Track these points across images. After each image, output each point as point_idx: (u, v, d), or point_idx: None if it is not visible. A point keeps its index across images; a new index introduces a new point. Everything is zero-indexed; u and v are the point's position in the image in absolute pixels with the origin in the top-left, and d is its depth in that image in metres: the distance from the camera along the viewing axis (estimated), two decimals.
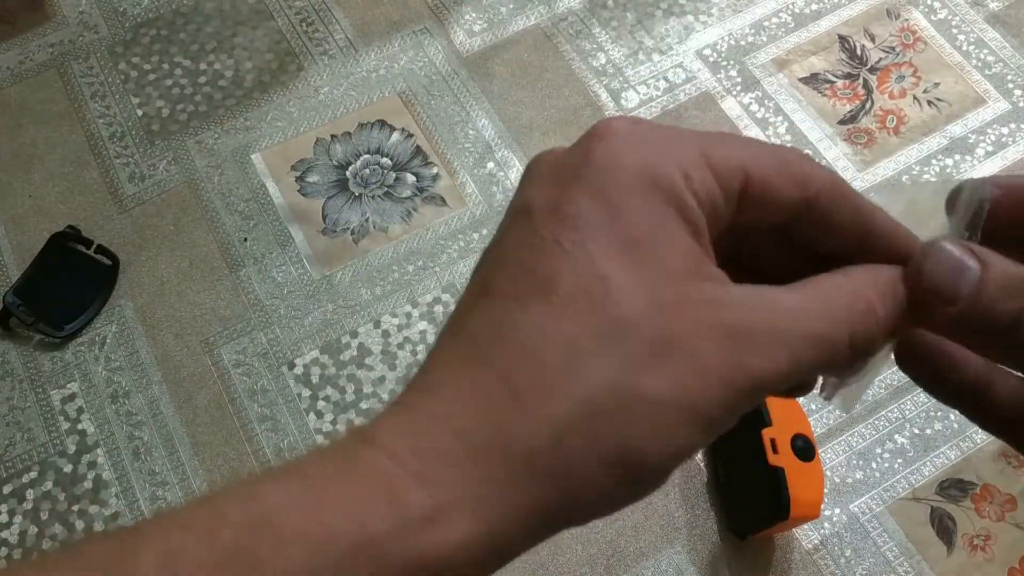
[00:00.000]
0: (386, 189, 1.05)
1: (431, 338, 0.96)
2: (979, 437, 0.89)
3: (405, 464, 0.18)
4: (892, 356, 0.24)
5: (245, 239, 1.02)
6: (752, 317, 0.19)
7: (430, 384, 0.20)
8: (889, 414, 0.91)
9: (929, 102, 1.10)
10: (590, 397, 0.18)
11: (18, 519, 0.87)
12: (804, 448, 0.76)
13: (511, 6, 1.17)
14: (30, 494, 0.89)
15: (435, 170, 1.06)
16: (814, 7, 1.17)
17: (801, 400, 0.85)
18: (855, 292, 0.21)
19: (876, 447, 0.89)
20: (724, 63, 1.13)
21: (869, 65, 1.13)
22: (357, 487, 0.18)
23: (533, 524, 0.19)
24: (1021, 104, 1.09)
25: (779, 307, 0.20)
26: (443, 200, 1.04)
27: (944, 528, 0.86)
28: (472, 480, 0.18)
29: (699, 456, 0.89)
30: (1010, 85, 1.10)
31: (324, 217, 1.03)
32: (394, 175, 1.06)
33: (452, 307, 1.04)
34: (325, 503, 0.18)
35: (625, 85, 1.12)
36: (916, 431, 0.90)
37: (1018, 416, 0.23)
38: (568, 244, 0.19)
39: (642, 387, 0.18)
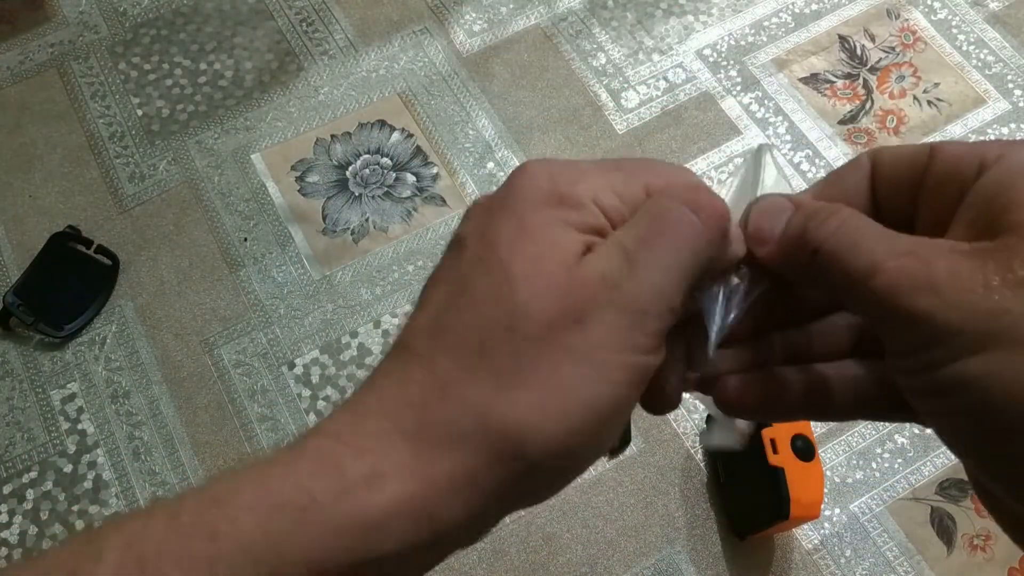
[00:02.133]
0: (386, 189, 1.05)
1: None
2: None
3: (346, 442, 0.22)
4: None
5: (245, 239, 1.02)
6: (612, 262, 0.23)
7: (372, 384, 0.23)
8: None
9: (929, 102, 1.10)
10: (498, 376, 0.22)
11: (18, 519, 0.87)
12: (804, 448, 0.76)
13: (511, 6, 1.17)
14: (30, 494, 0.89)
15: (435, 170, 1.06)
16: (814, 7, 1.17)
17: None
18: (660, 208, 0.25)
19: (876, 447, 0.89)
20: (724, 63, 1.13)
21: (869, 65, 1.13)
22: (303, 464, 0.21)
23: (461, 487, 0.21)
24: (1021, 104, 1.09)
25: (623, 241, 0.24)
26: (443, 200, 1.04)
27: (944, 528, 0.86)
28: (402, 452, 0.21)
29: (699, 456, 0.89)
30: (1010, 85, 1.10)
31: (324, 217, 1.03)
32: (394, 175, 1.06)
33: None
34: (274, 480, 0.21)
35: (625, 85, 1.12)
36: (916, 431, 0.90)
37: (860, 402, 0.26)
38: (486, 256, 0.23)
39: (534, 360, 0.22)
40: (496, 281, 0.23)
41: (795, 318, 0.28)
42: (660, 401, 0.26)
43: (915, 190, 0.25)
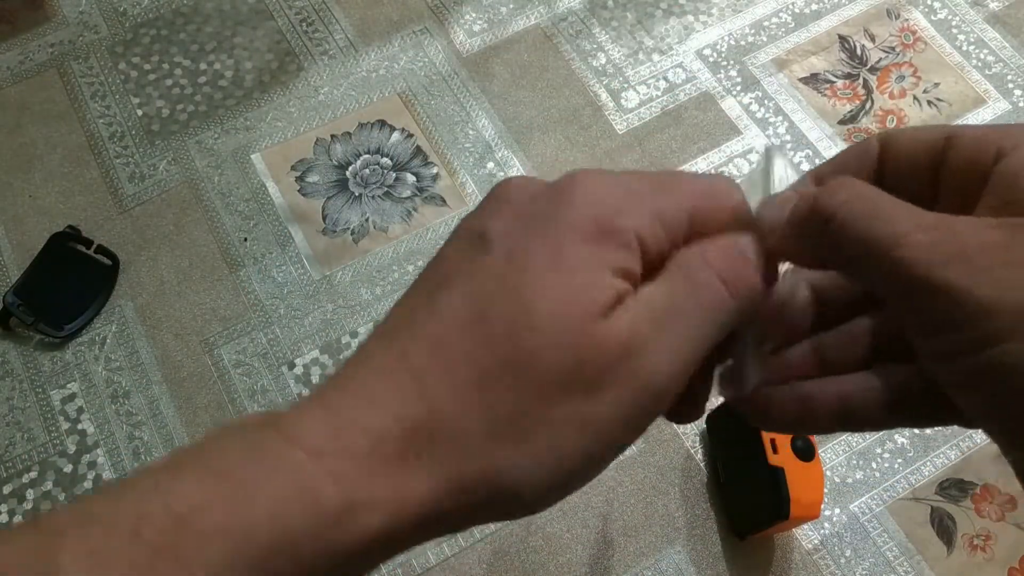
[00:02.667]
0: (386, 189, 1.05)
1: None
2: (979, 437, 0.89)
3: (321, 462, 0.20)
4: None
5: (245, 239, 1.02)
6: (638, 328, 0.22)
7: (352, 383, 0.22)
8: None
9: (929, 102, 1.10)
10: (497, 425, 0.21)
11: (18, 519, 0.87)
12: (804, 448, 0.76)
13: (511, 6, 1.17)
14: (30, 494, 0.89)
15: (435, 170, 1.06)
16: (814, 7, 1.17)
17: None
18: (702, 263, 0.24)
19: (876, 447, 0.89)
20: (724, 63, 1.13)
21: (869, 65, 1.13)
22: (277, 486, 0.20)
23: (434, 522, 0.21)
24: (1021, 104, 1.09)
25: (653, 304, 0.23)
26: (443, 200, 1.04)
27: (944, 528, 0.86)
28: (381, 482, 0.20)
29: (699, 456, 0.89)
30: (1010, 85, 1.10)
31: (324, 217, 1.03)
32: (394, 175, 1.06)
33: None
34: (245, 501, 0.19)
35: (625, 85, 1.12)
36: (916, 431, 0.90)
37: (895, 409, 0.25)
38: (512, 281, 0.22)
39: (544, 413, 0.21)
40: (516, 315, 0.21)
41: (817, 324, 0.27)
42: (688, 417, 0.26)
43: (932, 176, 0.24)
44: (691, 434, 0.90)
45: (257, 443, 0.21)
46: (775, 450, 0.75)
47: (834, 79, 1.12)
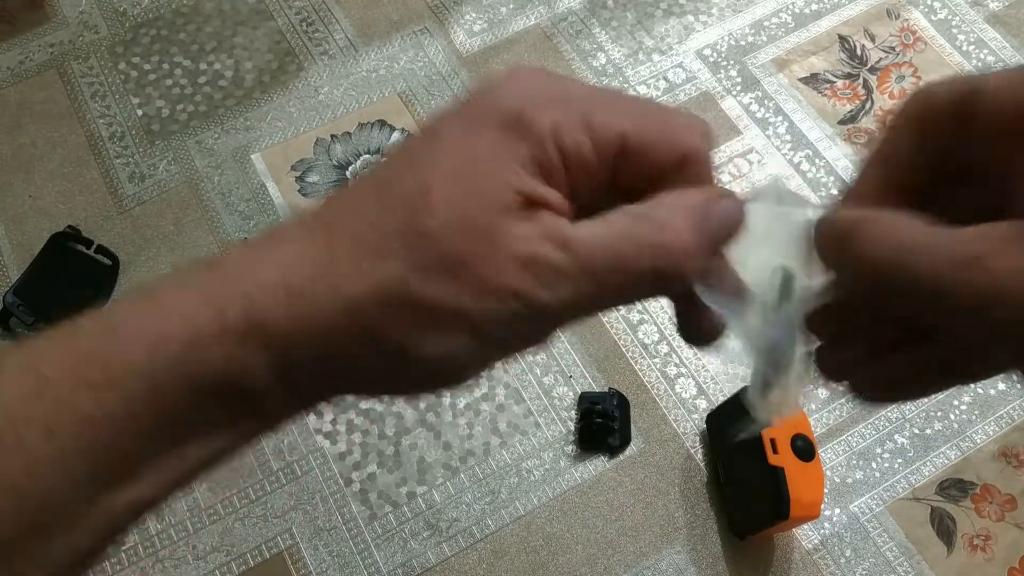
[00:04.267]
0: None
1: None
2: (979, 437, 0.89)
3: (234, 284, 0.22)
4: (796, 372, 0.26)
5: (245, 239, 1.02)
6: (544, 252, 0.22)
7: (282, 234, 0.24)
8: (889, 414, 0.91)
9: None
10: (382, 286, 0.22)
11: None
12: (804, 448, 0.76)
13: (511, 6, 1.17)
14: None
15: None
16: (814, 7, 1.17)
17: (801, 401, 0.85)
18: (659, 220, 0.23)
19: (876, 447, 0.89)
20: (724, 63, 1.13)
21: (869, 65, 1.13)
22: (191, 299, 0.22)
23: (328, 365, 0.23)
24: None
25: (578, 243, 0.22)
26: None
27: (944, 528, 0.86)
28: (279, 312, 0.22)
29: (699, 456, 0.89)
30: None
31: None
32: None
33: None
34: (164, 311, 0.22)
35: (625, 85, 1.12)
36: (916, 431, 0.90)
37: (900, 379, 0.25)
38: (419, 155, 0.23)
39: (425, 292, 0.22)
40: (413, 191, 0.22)
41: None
42: (707, 340, 0.27)
43: (963, 132, 0.23)
44: (691, 434, 0.90)
45: (189, 271, 0.23)
46: (775, 450, 0.75)
47: (834, 79, 1.12)
